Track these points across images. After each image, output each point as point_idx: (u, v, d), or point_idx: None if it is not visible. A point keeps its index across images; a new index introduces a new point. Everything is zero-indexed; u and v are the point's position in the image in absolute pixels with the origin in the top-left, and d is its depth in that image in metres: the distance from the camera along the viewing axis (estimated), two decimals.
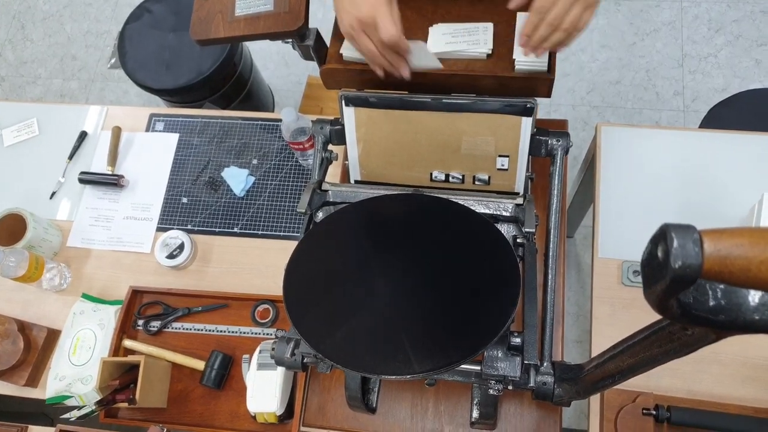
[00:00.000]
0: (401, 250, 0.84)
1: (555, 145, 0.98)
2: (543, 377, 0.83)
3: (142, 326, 1.22)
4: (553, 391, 0.83)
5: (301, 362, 0.86)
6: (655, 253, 0.40)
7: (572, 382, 0.81)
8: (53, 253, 1.33)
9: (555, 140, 0.97)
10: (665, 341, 0.56)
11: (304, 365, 0.86)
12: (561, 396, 0.83)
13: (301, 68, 2.45)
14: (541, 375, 0.83)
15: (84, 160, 1.43)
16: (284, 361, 0.86)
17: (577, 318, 1.93)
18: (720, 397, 1.03)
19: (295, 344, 0.87)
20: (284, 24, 1.00)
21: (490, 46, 0.96)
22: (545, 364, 0.85)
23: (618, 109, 2.19)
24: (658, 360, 0.60)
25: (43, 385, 1.21)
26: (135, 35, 1.87)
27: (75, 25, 2.72)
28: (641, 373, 0.65)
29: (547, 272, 0.92)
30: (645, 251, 0.42)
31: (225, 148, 1.39)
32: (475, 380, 0.88)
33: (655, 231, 0.40)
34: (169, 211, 1.35)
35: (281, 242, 1.28)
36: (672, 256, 0.38)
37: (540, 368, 0.84)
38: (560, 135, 0.98)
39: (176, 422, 1.15)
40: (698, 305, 0.44)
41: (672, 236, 0.38)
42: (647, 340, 0.59)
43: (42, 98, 2.61)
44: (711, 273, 0.38)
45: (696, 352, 0.54)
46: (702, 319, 0.44)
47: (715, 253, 0.38)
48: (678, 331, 0.53)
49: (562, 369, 0.84)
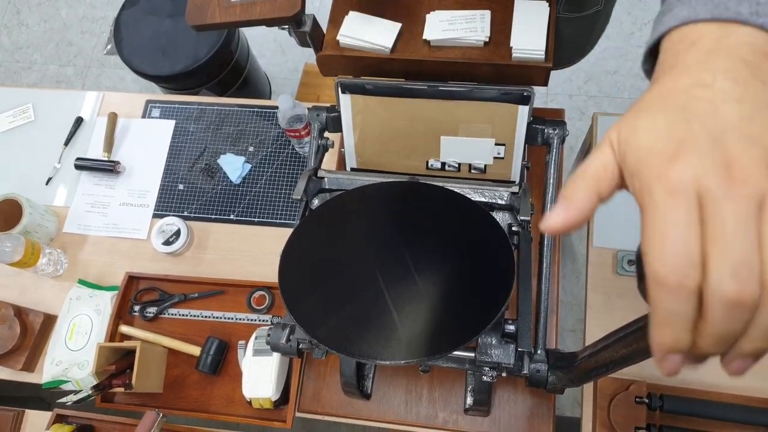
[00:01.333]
0: (396, 237, 0.84)
1: (551, 133, 0.98)
2: (537, 365, 0.84)
3: (138, 312, 1.23)
4: (547, 378, 0.83)
5: (297, 348, 0.86)
6: None
7: (566, 370, 0.81)
8: (49, 238, 1.33)
9: (551, 129, 0.97)
10: None
11: (300, 351, 0.87)
12: (554, 383, 0.83)
13: (297, 55, 2.44)
14: (535, 362, 0.84)
15: (80, 146, 1.42)
16: (280, 347, 0.87)
17: (571, 307, 1.94)
18: (712, 385, 1.03)
19: (290, 330, 0.87)
20: (281, 10, 0.99)
21: (488, 33, 0.95)
22: (539, 351, 0.85)
23: (615, 99, 2.19)
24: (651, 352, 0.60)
25: (40, 370, 1.21)
26: (131, 21, 1.86)
27: (71, 11, 2.70)
28: (634, 364, 0.66)
29: (541, 261, 0.93)
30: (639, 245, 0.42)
31: (221, 135, 1.39)
32: (469, 367, 0.89)
33: None
34: (165, 198, 1.35)
35: (277, 229, 1.28)
36: None
37: (534, 356, 0.84)
38: (557, 124, 0.98)
39: (172, 407, 1.15)
40: None
41: None
42: (641, 332, 0.59)
43: (38, 84, 2.59)
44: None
45: None
46: None
47: None
48: None
49: (556, 357, 0.84)
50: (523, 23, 0.95)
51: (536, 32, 0.94)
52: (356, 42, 0.98)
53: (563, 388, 0.85)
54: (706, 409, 0.99)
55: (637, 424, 0.98)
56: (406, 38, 0.98)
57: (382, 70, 0.95)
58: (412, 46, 0.98)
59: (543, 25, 0.94)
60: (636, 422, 0.99)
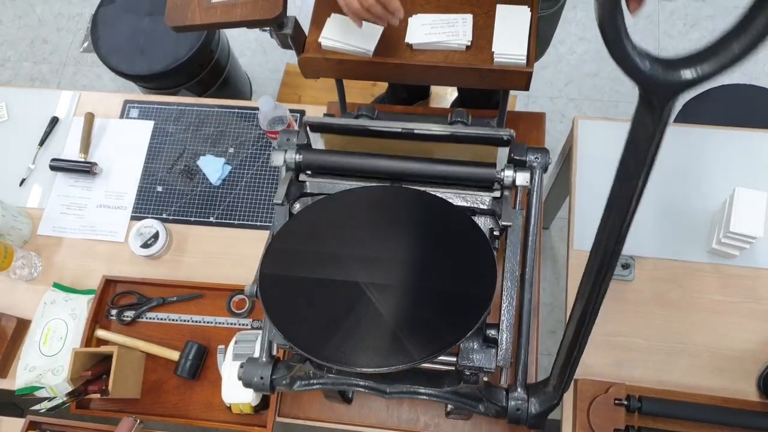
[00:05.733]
0: (378, 242, 0.84)
1: (533, 162, 0.95)
2: (516, 402, 0.83)
3: (115, 316, 1.21)
4: (528, 412, 0.83)
5: (270, 384, 0.87)
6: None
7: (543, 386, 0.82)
8: (23, 241, 1.30)
9: (533, 157, 0.94)
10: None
11: (273, 387, 0.88)
12: (534, 415, 0.83)
13: (279, 56, 2.42)
14: (514, 400, 0.83)
15: (55, 147, 1.40)
16: (253, 384, 0.88)
17: (552, 309, 1.95)
18: (690, 387, 1.05)
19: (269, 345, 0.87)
20: (262, 12, 0.98)
21: (470, 37, 0.96)
22: (519, 390, 0.85)
23: (595, 101, 2.21)
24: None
25: (13, 376, 1.19)
26: (108, 18, 1.83)
27: (46, 7, 2.65)
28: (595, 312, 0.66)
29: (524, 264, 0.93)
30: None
31: (201, 136, 1.37)
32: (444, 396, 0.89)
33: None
34: (143, 200, 1.33)
35: (258, 232, 1.27)
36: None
37: (513, 394, 0.84)
38: (539, 151, 0.94)
39: (150, 413, 1.14)
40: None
41: None
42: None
43: (11, 82, 2.54)
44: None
45: (667, 343, 0.54)
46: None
47: None
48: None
49: (534, 388, 0.84)
50: (505, 28, 0.95)
51: (518, 37, 0.94)
52: (338, 45, 0.97)
53: (544, 422, 0.84)
54: (683, 410, 1.00)
55: (616, 426, 0.99)
56: (388, 41, 0.98)
57: (364, 73, 0.95)
58: (395, 50, 0.98)
59: (524, 30, 0.95)
60: (615, 424, 0.99)
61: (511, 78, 0.95)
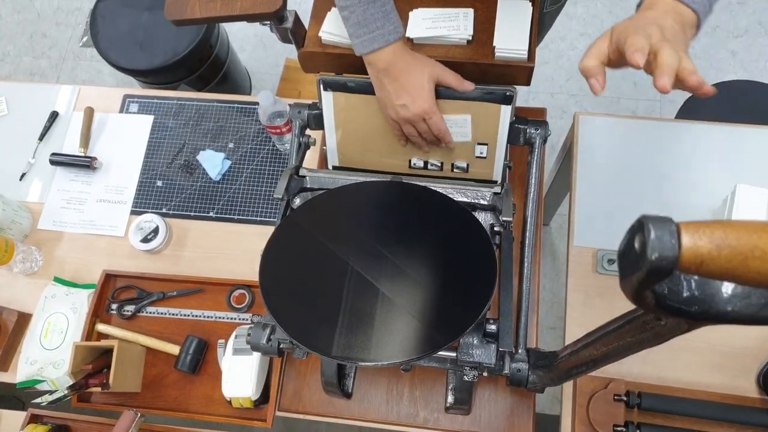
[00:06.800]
0: (378, 237, 0.84)
1: (534, 133, 0.98)
2: (518, 364, 0.84)
3: (115, 310, 1.21)
4: (528, 377, 0.84)
5: (278, 348, 0.86)
6: (633, 244, 0.40)
7: (546, 369, 0.82)
8: (23, 235, 1.30)
9: (534, 129, 0.98)
10: (639, 331, 0.57)
11: (281, 350, 0.86)
12: (535, 382, 0.84)
13: (278, 50, 2.42)
14: (516, 362, 0.84)
15: (55, 141, 1.39)
16: (260, 346, 0.86)
17: (551, 305, 1.95)
18: (689, 383, 1.05)
19: (271, 330, 0.86)
20: (262, 5, 0.98)
21: (471, 32, 0.95)
22: (520, 351, 0.86)
23: (595, 97, 2.21)
24: (632, 349, 0.60)
25: (14, 369, 1.19)
26: (108, 13, 1.82)
27: (45, 1, 2.64)
28: (614, 361, 0.66)
29: (523, 260, 0.93)
30: (622, 242, 0.43)
31: (201, 131, 1.37)
32: (451, 366, 0.89)
33: (633, 222, 0.41)
34: (143, 195, 1.32)
35: (257, 227, 1.27)
36: (649, 248, 0.38)
37: (515, 355, 0.85)
38: (539, 124, 0.98)
39: (150, 407, 1.14)
40: (673, 296, 0.44)
41: (649, 228, 0.38)
42: (621, 330, 0.60)
43: (11, 76, 2.54)
44: (686, 265, 0.39)
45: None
46: (676, 310, 0.45)
47: (691, 245, 0.38)
48: (652, 321, 0.53)
49: (537, 356, 0.85)
50: (506, 22, 0.95)
51: (519, 32, 0.94)
52: (339, 39, 0.97)
53: (544, 387, 0.85)
54: (682, 406, 1.00)
55: (616, 422, 0.99)
56: None
57: (364, 68, 0.94)
58: None
59: (526, 25, 0.94)
60: (614, 420, 1.00)
61: (512, 73, 0.95)
